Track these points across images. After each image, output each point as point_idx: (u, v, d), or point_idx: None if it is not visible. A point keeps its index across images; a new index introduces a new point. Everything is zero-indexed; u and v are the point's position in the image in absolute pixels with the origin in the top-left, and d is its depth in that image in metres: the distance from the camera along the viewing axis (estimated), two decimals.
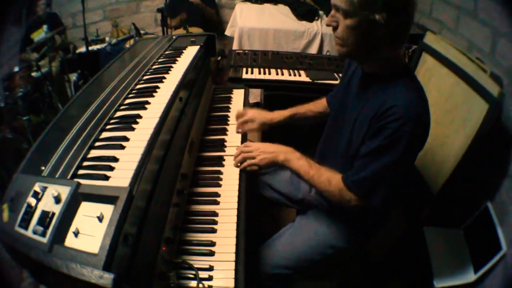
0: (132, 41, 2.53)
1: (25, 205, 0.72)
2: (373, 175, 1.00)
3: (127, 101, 1.13)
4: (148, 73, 1.33)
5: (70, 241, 0.65)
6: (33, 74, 2.16)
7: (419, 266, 1.57)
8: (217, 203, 1.13)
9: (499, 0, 1.46)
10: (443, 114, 1.55)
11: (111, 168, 0.81)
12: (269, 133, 1.56)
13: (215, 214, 1.08)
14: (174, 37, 1.77)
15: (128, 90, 1.18)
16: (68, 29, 3.00)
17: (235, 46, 2.85)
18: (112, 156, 0.84)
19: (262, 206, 1.58)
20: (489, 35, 1.56)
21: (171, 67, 1.37)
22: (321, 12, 2.96)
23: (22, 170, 0.85)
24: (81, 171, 0.82)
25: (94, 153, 0.88)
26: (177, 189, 1.05)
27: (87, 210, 0.70)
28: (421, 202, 1.67)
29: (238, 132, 1.45)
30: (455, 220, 1.63)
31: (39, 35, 2.35)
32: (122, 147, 0.88)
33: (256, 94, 2.80)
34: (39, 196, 0.73)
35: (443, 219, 1.67)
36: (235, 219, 1.07)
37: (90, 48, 2.63)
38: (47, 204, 0.71)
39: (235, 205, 1.12)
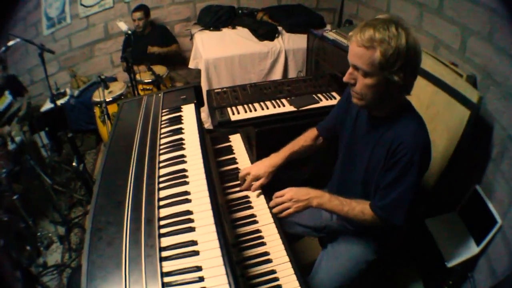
0: (101, 90, 2.45)
1: None
2: (394, 201, 1.18)
3: (163, 193, 1.14)
4: (162, 151, 1.33)
5: None
6: (9, 147, 2.04)
7: (429, 254, 1.77)
8: (270, 261, 1.18)
9: None
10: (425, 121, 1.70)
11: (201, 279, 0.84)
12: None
13: (277, 279, 1.13)
14: (160, 95, 1.74)
15: (156, 178, 1.19)
16: (27, 86, 2.84)
17: (203, 80, 2.87)
18: (193, 266, 0.87)
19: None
20: (458, 33, 1.61)
21: (182, 140, 1.38)
22: (279, 28, 3.03)
23: None
24: None
25: (168, 265, 0.89)
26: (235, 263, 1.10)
27: None
28: (419, 201, 1.85)
29: (258, 196, 1.44)
30: (449, 206, 1.84)
31: (3, 103, 2.18)
32: (196, 253, 0.91)
33: None
34: None
35: (438, 208, 1.88)
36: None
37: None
38: None
39: (288, 261, 1.18)
